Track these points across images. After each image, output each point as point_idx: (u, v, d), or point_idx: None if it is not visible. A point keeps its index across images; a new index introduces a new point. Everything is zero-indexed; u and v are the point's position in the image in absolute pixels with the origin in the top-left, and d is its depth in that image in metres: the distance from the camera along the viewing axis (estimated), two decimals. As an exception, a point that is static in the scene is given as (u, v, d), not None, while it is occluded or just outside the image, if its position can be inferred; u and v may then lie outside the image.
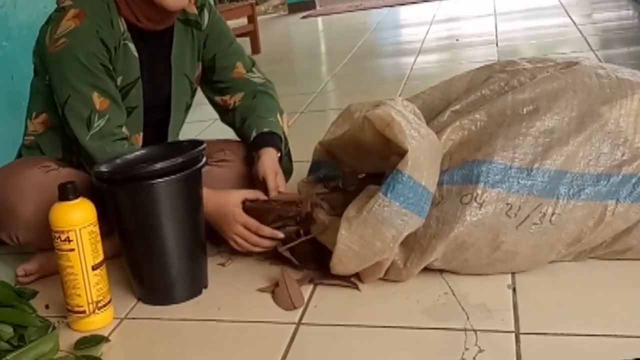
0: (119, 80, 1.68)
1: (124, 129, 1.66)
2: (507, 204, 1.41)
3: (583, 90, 1.52)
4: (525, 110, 1.52)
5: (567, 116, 1.49)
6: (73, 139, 1.66)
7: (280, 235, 1.57)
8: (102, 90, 1.62)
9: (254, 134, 1.75)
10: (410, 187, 1.37)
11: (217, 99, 1.89)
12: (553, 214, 1.40)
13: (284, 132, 1.81)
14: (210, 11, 1.85)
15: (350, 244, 1.39)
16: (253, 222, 1.58)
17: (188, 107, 1.90)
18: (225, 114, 1.90)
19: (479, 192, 1.42)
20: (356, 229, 1.39)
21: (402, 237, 1.39)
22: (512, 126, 1.49)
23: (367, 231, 1.38)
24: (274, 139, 1.74)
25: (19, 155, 1.85)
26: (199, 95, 1.93)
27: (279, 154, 1.74)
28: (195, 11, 1.82)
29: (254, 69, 1.90)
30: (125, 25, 1.67)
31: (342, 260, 1.42)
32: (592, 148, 1.45)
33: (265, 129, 1.75)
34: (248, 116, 1.81)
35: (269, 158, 1.69)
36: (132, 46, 1.69)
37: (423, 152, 1.40)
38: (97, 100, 1.61)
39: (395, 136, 1.40)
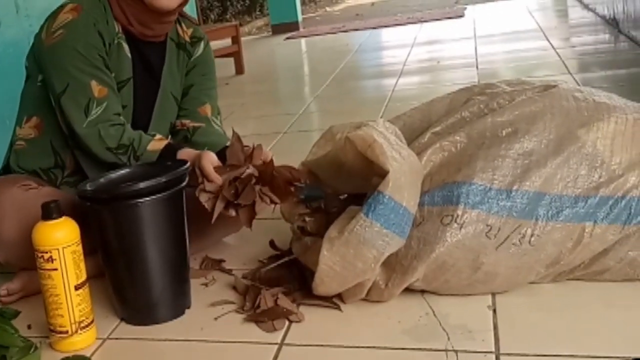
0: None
1: (121, 117, 1.68)
2: (487, 225, 1.43)
3: (561, 113, 1.55)
4: (504, 132, 1.54)
5: (546, 138, 1.52)
6: (68, 131, 1.67)
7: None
8: (101, 79, 1.64)
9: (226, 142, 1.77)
10: (391, 208, 1.39)
11: (176, 121, 1.88)
12: (532, 235, 1.42)
13: None
14: (205, 46, 1.89)
15: (331, 264, 1.41)
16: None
17: (172, 125, 1.91)
18: (177, 133, 1.90)
19: (459, 213, 1.43)
20: (338, 250, 1.40)
21: (383, 257, 1.40)
22: (491, 148, 1.51)
23: (349, 252, 1.39)
24: None
25: (7, 163, 1.83)
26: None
27: None
28: (188, 39, 1.85)
29: (219, 117, 1.92)
30: (119, 27, 1.71)
31: (324, 281, 1.43)
32: (570, 170, 1.47)
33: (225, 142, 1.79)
34: (214, 136, 1.84)
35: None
36: (126, 46, 1.72)
37: (404, 173, 1.42)
38: (96, 88, 1.63)
39: (377, 157, 1.42)
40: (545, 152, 1.50)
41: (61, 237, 1.39)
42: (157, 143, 1.66)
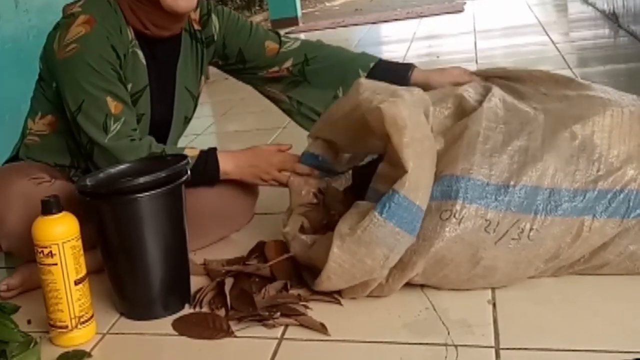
0: (128, 87, 1.69)
1: (137, 132, 1.67)
2: (486, 220, 1.42)
3: (556, 109, 1.55)
4: (500, 127, 1.54)
5: (541, 135, 1.51)
6: (85, 145, 1.65)
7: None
8: (115, 94, 1.62)
9: (371, 65, 1.83)
10: (405, 207, 1.37)
11: (266, 74, 1.91)
12: (531, 229, 1.42)
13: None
14: (218, 14, 1.86)
15: (341, 262, 1.39)
16: (285, 146, 1.68)
17: (187, 120, 1.91)
18: (282, 86, 1.94)
19: (458, 208, 1.43)
20: (348, 247, 1.39)
21: (392, 255, 1.39)
22: (487, 143, 1.50)
23: (360, 250, 1.38)
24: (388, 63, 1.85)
25: (16, 155, 1.82)
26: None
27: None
28: (198, 26, 1.82)
29: (283, 39, 1.91)
30: (132, 33, 1.68)
31: (331, 278, 1.42)
32: (567, 164, 1.46)
33: (372, 62, 1.84)
34: (335, 62, 1.88)
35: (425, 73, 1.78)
36: (140, 53, 1.70)
37: (423, 171, 1.41)
38: (112, 104, 1.61)
39: (401, 148, 1.39)
40: (540, 147, 1.49)
41: (61, 232, 1.39)
42: (190, 150, 1.67)
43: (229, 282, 1.56)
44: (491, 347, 1.26)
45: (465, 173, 1.45)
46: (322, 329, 1.38)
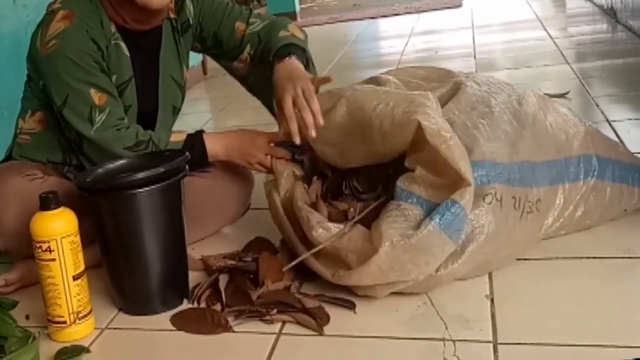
0: (113, 79, 1.69)
1: (125, 120, 1.67)
2: (513, 198, 1.45)
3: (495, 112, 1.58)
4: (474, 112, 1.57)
5: (504, 117, 1.57)
6: (74, 139, 1.66)
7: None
8: (99, 86, 1.63)
9: (270, 58, 1.78)
10: (460, 218, 1.36)
11: (236, 64, 1.94)
12: (537, 201, 1.49)
13: (296, 37, 1.84)
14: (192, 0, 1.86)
15: (381, 264, 1.35)
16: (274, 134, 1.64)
17: (176, 111, 1.91)
18: (248, 74, 1.96)
19: (495, 190, 1.43)
20: (396, 253, 1.35)
21: (433, 262, 1.37)
22: (479, 127, 1.52)
23: (405, 255, 1.35)
24: (285, 50, 1.75)
25: (9, 155, 1.83)
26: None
27: (291, 58, 1.72)
28: (174, 14, 1.83)
29: (251, 20, 1.88)
30: (114, 26, 1.69)
31: (363, 277, 1.38)
32: (536, 142, 1.55)
33: (277, 46, 1.77)
34: (263, 53, 1.85)
35: (280, 70, 1.68)
36: (123, 45, 1.71)
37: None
38: (95, 96, 1.62)
39: (455, 161, 1.36)
40: (518, 128, 1.55)
41: (59, 228, 1.39)
42: (178, 135, 1.67)
43: (223, 278, 1.56)
44: (489, 342, 1.26)
45: (483, 157, 1.46)
46: (317, 327, 1.38)
